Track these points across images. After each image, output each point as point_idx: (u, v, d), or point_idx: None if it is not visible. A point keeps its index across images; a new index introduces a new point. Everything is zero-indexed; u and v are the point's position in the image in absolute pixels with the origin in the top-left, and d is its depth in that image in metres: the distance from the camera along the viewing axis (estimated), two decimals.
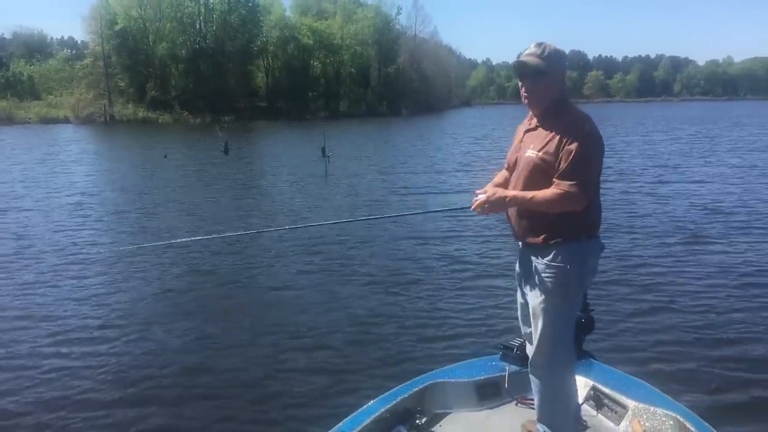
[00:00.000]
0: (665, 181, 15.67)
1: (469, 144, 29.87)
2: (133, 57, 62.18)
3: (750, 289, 6.77)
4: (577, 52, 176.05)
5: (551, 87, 2.63)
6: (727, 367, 4.85)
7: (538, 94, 2.65)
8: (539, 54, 2.61)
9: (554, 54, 2.62)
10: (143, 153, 26.50)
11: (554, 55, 2.62)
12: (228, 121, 51.17)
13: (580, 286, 2.66)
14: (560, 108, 2.63)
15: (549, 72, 2.60)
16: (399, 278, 7.42)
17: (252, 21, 67.25)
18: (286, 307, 6.47)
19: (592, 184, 2.53)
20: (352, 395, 4.33)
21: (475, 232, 9.62)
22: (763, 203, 12.15)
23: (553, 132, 2.56)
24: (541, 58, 2.60)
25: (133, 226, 10.92)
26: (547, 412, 2.77)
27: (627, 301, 6.39)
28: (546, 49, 2.62)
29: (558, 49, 2.64)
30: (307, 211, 12.17)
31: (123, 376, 4.89)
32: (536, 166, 2.58)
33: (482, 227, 9.75)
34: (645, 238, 9.29)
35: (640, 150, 24.62)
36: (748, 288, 6.80)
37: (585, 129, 2.50)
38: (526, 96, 2.68)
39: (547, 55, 2.60)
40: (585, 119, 2.55)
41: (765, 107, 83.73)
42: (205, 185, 16.20)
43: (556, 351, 2.69)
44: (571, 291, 2.63)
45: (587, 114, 2.59)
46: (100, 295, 6.94)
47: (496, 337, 5.22)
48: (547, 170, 2.54)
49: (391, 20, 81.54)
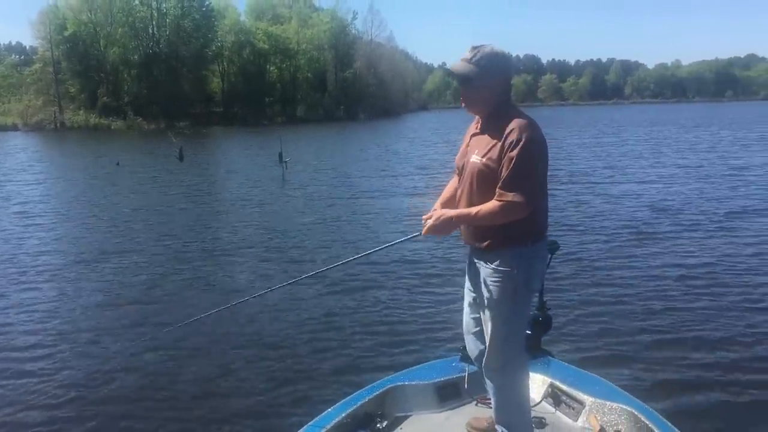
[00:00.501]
0: (615, 181, 16.05)
1: (425, 147, 30.07)
2: (84, 62, 60.79)
3: (699, 285, 6.99)
4: (531, 56, 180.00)
5: (485, 93, 2.60)
6: (680, 362, 4.98)
7: (472, 99, 2.64)
8: (470, 59, 2.56)
9: (488, 58, 2.55)
10: (95, 160, 25.82)
11: (488, 59, 2.55)
12: (183, 126, 50.47)
13: (527, 289, 2.66)
14: (504, 113, 2.56)
15: (476, 78, 2.55)
16: (355, 283, 7.38)
17: (206, 25, 66.40)
18: (240, 315, 6.36)
19: (534, 191, 2.49)
20: (311, 402, 4.30)
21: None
22: (708, 201, 12.56)
23: (496, 138, 2.53)
24: (471, 63, 2.55)
25: (81, 237, 10.58)
26: (504, 412, 2.79)
27: (583, 300, 6.50)
28: (479, 54, 2.55)
29: (496, 53, 2.56)
30: (264, 219, 11.99)
31: (67, 388, 4.75)
32: (481, 173, 2.57)
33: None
34: (597, 238, 9.49)
35: (591, 152, 25.19)
36: (698, 284, 7.02)
37: (526, 136, 2.45)
38: (462, 101, 2.68)
39: (478, 60, 2.55)
40: (528, 126, 2.48)
41: (712, 109, 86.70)
42: (159, 193, 15.86)
43: (507, 353, 2.70)
44: (518, 294, 2.63)
45: (531, 119, 2.54)
46: (45, 304, 6.76)
47: (455, 339, 5.24)
48: (491, 177, 2.52)
49: (347, 25, 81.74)
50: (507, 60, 2.63)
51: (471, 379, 3.21)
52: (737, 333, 5.57)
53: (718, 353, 5.16)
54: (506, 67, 2.62)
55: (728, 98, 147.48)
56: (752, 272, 7.47)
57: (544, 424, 3.02)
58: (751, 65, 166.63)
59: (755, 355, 5.13)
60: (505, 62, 2.61)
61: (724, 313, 6.09)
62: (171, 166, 22.39)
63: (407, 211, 12.29)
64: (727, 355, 5.12)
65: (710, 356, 5.11)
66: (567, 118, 65.08)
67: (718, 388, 4.57)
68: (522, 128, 2.46)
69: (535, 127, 2.50)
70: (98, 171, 21.34)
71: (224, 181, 18.70)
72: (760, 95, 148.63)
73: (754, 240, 9.15)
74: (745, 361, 5.00)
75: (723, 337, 5.49)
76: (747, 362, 4.99)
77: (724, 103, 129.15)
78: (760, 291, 6.75)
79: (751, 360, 5.03)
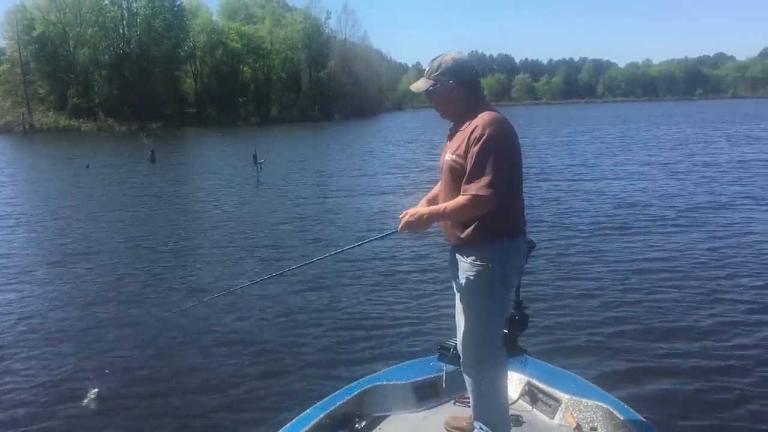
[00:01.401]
0: (585, 179, 16.30)
1: (398, 147, 30.14)
2: (53, 63, 59.66)
3: (670, 279, 7.11)
4: (505, 55, 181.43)
5: (450, 100, 2.69)
6: (654, 357, 5.06)
7: (441, 108, 2.76)
8: (429, 74, 2.70)
9: (448, 66, 2.65)
10: (64, 163, 25.31)
11: (445, 68, 2.65)
12: (155, 128, 49.78)
13: (504, 285, 2.69)
14: (473, 112, 2.63)
15: (438, 90, 2.68)
16: (331, 282, 7.37)
17: (178, 25, 65.66)
18: (212, 315, 6.31)
19: (498, 185, 2.51)
20: (288, 404, 4.26)
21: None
22: (675, 197, 12.80)
23: (463, 135, 2.62)
24: (431, 78, 2.69)
25: (46, 240, 10.29)
26: (482, 409, 2.81)
27: (558, 298, 6.56)
28: (438, 65, 2.67)
29: (455, 59, 2.66)
30: (237, 223, 11.66)
31: (27, 392, 4.66)
32: (451, 169, 2.65)
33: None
34: (570, 236, 9.60)
35: (564, 149, 25.51)
36: (670, 279, 7.14)
37: (489, 131, 2.51)
38: (438, 112, 2.81)
39: (436, 73, 2.67)
40: (491, 121, 2.54)
41: (681, 107, 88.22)
42: (129, 197, 15.48)
43: (483, 349, 2.73)
44: (495, 290, 2.66)
45: (498, 115, 2.60)
46: (5, 307, 6.64)
47: (433, 338, 5.26)
48: (460, 173, 2.59)
49: (321, 24, 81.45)
50: (464, 65, 2.69)
51: (449, 378, 3.22)
52: (710, 324, 5.69)
53: (690, 344, 5.25)
54: (465, 71, 2.69)
55: (698, 97, 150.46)
56: (720, 264, 7.71)
57: (521, 422, 3.04)
58: (719, 64, 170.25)
59: (727, 344, 5.25)
60: (463, 67, 2.68)
61: (694, 304, 6.23)
62: (142, 168, 22.00)
63: (382, 209, 12.33)
64: (699, 345, 5.22)
65: (681, 347, 5.20)
66: (540, 116, 65.72)
67: (687, 377, 4.66)
68: (485, 124, 2.53)
69: (499, 123, 2.56)
70: (67, 173, 20.90)
71: (197, 184, 18.39)
72: (728, 93, 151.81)
73: (723, 234, 9.38)
74: (719, 350, 5.12)
75: (693, 327, 5.61)
76: (720, 351, 5.11)
77: (694, 101, 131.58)
78: (725, 282, 6.96)
79: (724, 349, 5.14)
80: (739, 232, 9.50)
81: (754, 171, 16.71)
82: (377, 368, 3.63)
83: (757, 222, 10.26)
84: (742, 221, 10.33)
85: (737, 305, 6.23)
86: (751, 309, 6.10)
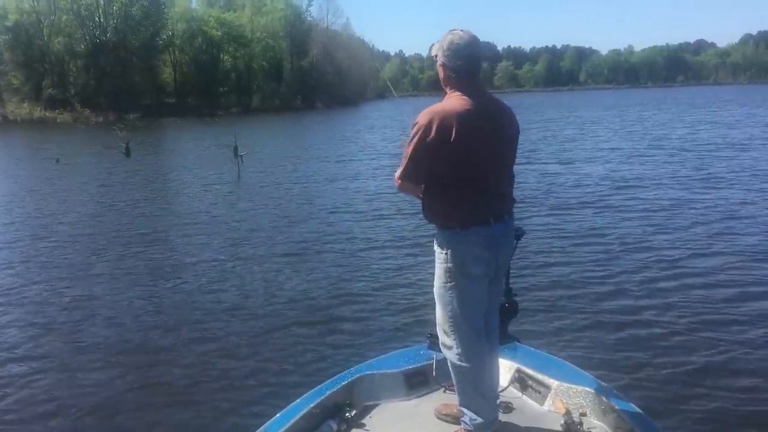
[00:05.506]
0: (570, 163, 16.41)
1: (382, 133, 30.06)
2: (27, 53, 58.28)
3: (656, 265, 7.13)
4: (487, 43, 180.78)
5: (441, 79, 2.73)
6: (642, 342, 5.07)
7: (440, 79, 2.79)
8: (438, 49, 2.72)
9: (443, 47, 2.67)
10: (33, 156, 24.30)
11: (442, 48, 2.67)
12: (133, 119, 48.76)
13: (461, 273, 2.66)
14: (447, 96, 2.69)
15: (437, 58, 2.70)
16: (320, 272, 7.32)
17: (156, 13, 64.68)
18: (202, 305, 6.25)
19: (407, 170, 2.63)
20: (278, 394, 4.24)
21: (397, 212, 9.77)
22: (659, 183, 12.91)
23: None
24: (437, 44, 2.73)
25: (11, 241, 9.62)
26: (464, 394, 2.80)
27: (549, 286, 6.56)
28: (444, 36, 2.70)
29: (450, 41, 2.65)
30: (219, 226, 10.37)
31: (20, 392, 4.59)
32: None
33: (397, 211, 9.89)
34: (555, 224, 9.61)
35: (543, 136, 25.70)
36: (660, 264, 7.17)
37: (417, 120, 2.56)
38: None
39: (440, 41, 2.69)
40: (426, 111, 2.57)
41: (662, 93, 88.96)
42: (100, 195, 14.20)
43: (448, 334, 2.75)
44: (455, 276, 2.66)
45: (440, 104, 2.61)
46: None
47: (422, 327, 5.25)
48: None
49: (302, 12, 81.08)
50: (453, 48, 2.63)
51: (439, 366, 3.21)
52: (700, 309, 5.72)
53: (680, 330, 5.27)
54: (451, 54, 2.64)
55: (680, 83, 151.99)
56: (714, 247, 7.79)
57: (511, 409, 3.04)
58: (700, 51, 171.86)
59: (718, 329, 5.26)
60: (452, 50, 2.63)
61: (684, 290, 6.25)
62: (116, 162, 20.13)
63: (366, 197, 12.28)
64: (690, 330, 5.24)
65: (671, 333, 5.21)
66: (523, 103, 65.81)
67: (677, 362, 4.68)
68: (422, 112, 2.58)
69: (432, 113, 2.55)
70: (34, 169, 19.53)
71: (174, 180, 16.94)
72: (710, 79, 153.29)
73: (717, 215, 9.56)
74: (710, 335, 5.14)
75: (683, 313, 5.62)
76: (711, 336, 5.12)
77: (676, 87, 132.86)
78: (716, 263, 7.05)
79: (715, 334, 5.16)
80: (736, 215, 9.61)
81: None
82: (367, 357, 3.60)
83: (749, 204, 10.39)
84: (736, 201, 10.54)
85: (729, 288, 6.25)
86: (745, 293, 6.11)
